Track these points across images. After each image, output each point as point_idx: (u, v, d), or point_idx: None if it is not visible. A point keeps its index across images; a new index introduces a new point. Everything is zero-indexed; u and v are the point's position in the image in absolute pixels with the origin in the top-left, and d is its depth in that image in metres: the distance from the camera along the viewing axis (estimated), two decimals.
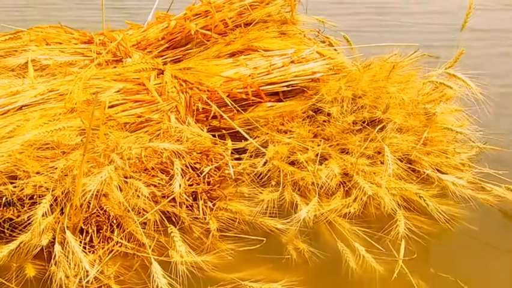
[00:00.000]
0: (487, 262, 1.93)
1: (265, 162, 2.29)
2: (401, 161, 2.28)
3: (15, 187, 1.85)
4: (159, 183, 2.01)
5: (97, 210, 1.86)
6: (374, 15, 4.82)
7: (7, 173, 1.91)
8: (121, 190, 1.90)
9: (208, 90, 2.52)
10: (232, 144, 2.43)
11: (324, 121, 2.49)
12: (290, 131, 2.45)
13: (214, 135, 2.41)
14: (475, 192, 2.20)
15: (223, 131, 2.51)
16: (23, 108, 2.20)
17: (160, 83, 2.51)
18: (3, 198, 1.88)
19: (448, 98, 2.56)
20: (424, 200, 2.12)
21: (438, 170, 2.32)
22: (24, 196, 1.85)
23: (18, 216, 1.84)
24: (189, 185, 2.05)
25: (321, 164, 2.29)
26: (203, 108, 2.49)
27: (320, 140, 2.39)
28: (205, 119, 2.51)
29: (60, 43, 2.72)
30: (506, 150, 2.50)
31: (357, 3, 5.14)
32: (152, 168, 2.05)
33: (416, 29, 4.43)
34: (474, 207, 2.14)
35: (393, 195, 2.14)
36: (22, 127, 2.07)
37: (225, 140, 2.46)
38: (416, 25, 4.55)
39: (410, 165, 2.30)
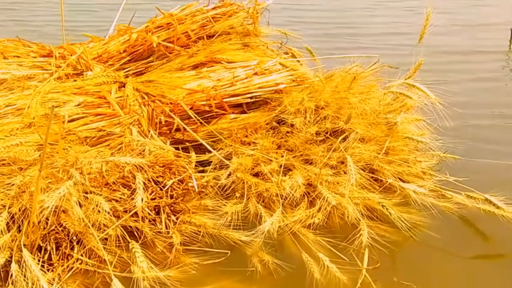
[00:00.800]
0: (449, 269, 1.96)
1: (229, 174, 2.28)
2: (364, 171, 2.30)
3: None
4: (121, 198, 1.98)
5: (56, 227, 1.81)
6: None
7: None
8: (80, 206, 1.86)
9: (170, 103, 2.50)
10: (196, 156, 2.41)
11: (288, 132, 2.49)
12: (254, 142, 2.45)
13: (177, 148, 2.39)
14: (436, 200, 2.24)
15: (187, 144, 2.49)
16: None
17: (121, 96, 2.48)
18: None
19: (408, 107, 2.61)
20: (387, 209, 2.14)
21: (400, 179, 2.35)
22: None
23: None
24: (152, 199, 2.02)
25: (285, 175, 2.29)
26: (166, 121, 2.47)
27: (284, 151, 2.40)
28: (168, 131, 2.48)
29: (19, 57, 2.67)
30: (466, 158, 2.56)
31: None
32: (114, 183, 2.02)
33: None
34: (435, 215, 2.17)
35: (357, 205, 2.15)
36: None
37: (188, 152, 2.44)
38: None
39: (372, 175, 2.33)
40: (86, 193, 1.90)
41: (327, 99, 2.55)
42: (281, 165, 2.31)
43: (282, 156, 2.36)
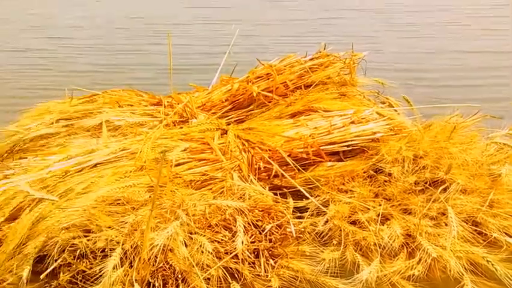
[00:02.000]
0: None
1: (327, 221, 2.30)
2: (466, 223, 2.23)
3: (88, 240, 1.96)
4: (222, 240, 2.06)
5: (164, 264, 1.92)
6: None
7: (81, 226, 2.02)
8: (186, 245, 1.96)
9: (269, 150, 2.59)
10: (294, 202, 2.46)
11: (385, 181, 2.49)
12: (351, 190, 2.47)
13: (275, 194, 2.46)
14: None
15: (285, 190, 2.55)
16: (97, 165, 2.35)
17: (223, 143, 2.61)
18: (77, 251, 1.98)
19: None
20: (492, 265, 2.05)
21: (506, 233, 2.25)
22: (96, 249, 1.95)
23: (91, 268, 1.92)
24: (251, 242, 2.08)
25: (382, 224, 2.28)
26: (265, 167, 2.56)
27: (381, 200, 2.39)
28: (267, 177, 2.56)
29: (132, 105, 2.90)
30: None
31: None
32: (216, 225, 2.11)
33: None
34: None
35: (459, 258, 2.08)
36: (96, 183, 2.20)
37: (286, 198, 2.50)
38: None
39: (475, 228, 2.25)
40: (191, 233, 2.01)
41: (426, 149, 2.52)
42: (379, 214, 2.30)
43: (380, 205, 2.35)
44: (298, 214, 2.40)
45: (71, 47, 6.19)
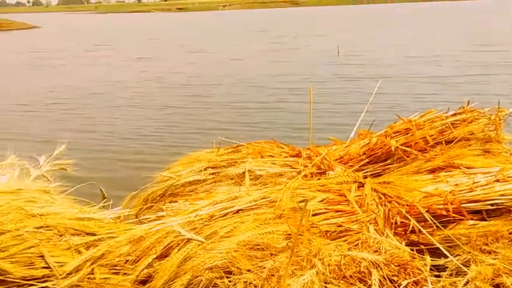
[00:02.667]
0: None
1: (467, 282, 2.20)
2: None
3: (230, 281, 2.09)
4: None
5: None
6: None
7: (223, 268, 2.17)
8: None
9: (407, 205, 2.56)
10: (431, 260, 2.39)
11: None
12: (495, 251, 2.34)
13: (412, 250, 2.41)
14: None
15: (422, 246, 2.49)
16: (239, 211, 2.51)
17: (360, 195, 2.64)
18: None
19: None
20: None
21: None
22: None
23: None
24: None
25: None
26: (401, 222, 2.53)
27: None
28: (403, 232, 2.53)
29: (273, 156, 3.07)
30: None
31: None
32: (351, 276, 2.13)
33: None
34: None
35: None
36: (238, 228, 2.36)
37: (423, 255, 2.44)
38: None
39: None
40: (326, 283, 2.05)
41: None
42: None
43: None
44: (436, 273, 2.33)
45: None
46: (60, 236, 2.48)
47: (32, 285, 2.31)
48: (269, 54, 13.46)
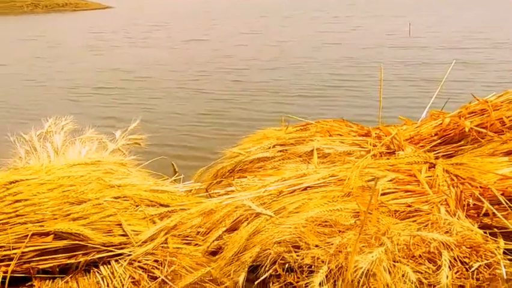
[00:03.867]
0: None
1: None
2: None
3: (297, 256, 2.13)
4: (425, 272, 2.06)
5: (367, 287, 1.99)
6: None
7: (291, 242, 2.21)
8: (389, 273, 2.01)
9: (480, 187, 2.50)
10: (505, 244, 2.33)
11: None
12: None
13: (485, 233, 2.36)
14: None
15: (495, 230, 2.42)
16: (307, 189, 2.53)
17: (431, 176, 2.60)
18: (287, 265, 2.16)
19: None
20: None
21: None
22: (304, 265, 2.11)
23: (298, 282, 2.09)
24: (457, 278, 2.04)
25: None
26: (474, 204, 2.47)
27: None
28: (475, 215, 2.47)
29: (341, 135, 3.07)
30: None
31: None
32: (420, 256, 2.11)
33: None
34: None
35: None
36: (306, 205, 2.39)
37: (496, 238, 2.37)
38: None
39: None
40: (394, 261, 2.05)
41: None
42: None
43: None
44: (510, 257, 2.27)
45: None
46: (136, 206, 2.60)
47: (110, 251, 2.45)
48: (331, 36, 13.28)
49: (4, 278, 2.36)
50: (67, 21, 23.25)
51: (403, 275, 2.00)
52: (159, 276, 2.42)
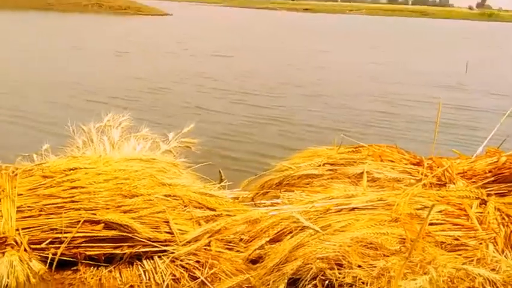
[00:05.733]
0: None
1: None
2: None
3: (339, 274, 2.14)
4: None
5: None
6: None
7: (334, 260, 2.22)
8: None
9: None
10: None
11: None
12: None
13: None
14: None
15: None
16: (354, 209, 2.54)
17: (481, 213, 2.56)
18: (327, 281, 2.17)
19: None
20: None
21: None
22: (344, 283, 2.11)
23: None
24: None
25: None
26: None
27: None
28: None
29: (393, 161, 3.06)
30: None
31: None
32: None
33: None
34: None
35: None
36: (352, 225, 2.40)
37: None
38: None
39: None
40: None
41: None
42: None
43: None
44: None
45: None
46: (185, 206, 2.67)
47: (155, 246, 2.52)
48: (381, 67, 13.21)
49: (52, 260, 2.47)
50: (132, 23, 24.08)
51: None
52: (199, 277, 2.47)
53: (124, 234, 2.50)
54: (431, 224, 2.45)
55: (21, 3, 27.46)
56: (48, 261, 2.47)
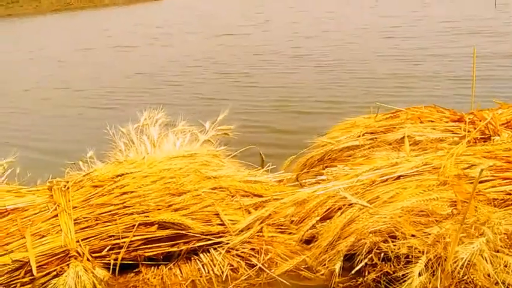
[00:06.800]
0: None
1: None
2: None
3: (394, 245, 2.15)
4: None
5: (467, 278, 1.98)
6: None
7: (387, 232, 2.23)
8: (490, 263, 1.98)
9: None
10: None
11: None
12: None
13: None
14: None
15: None
16: (400, 177, 2.53)
17: None
18: (382, 254, 2.19)
19: None
20: None
21: None
22: (400, 254, 2.12)
23: (394, 272, 2.11)
24: None
25: None
26: None
27: None
28: None
29: (433, 121, 3.01)
30: None
31: None
32: None
33: None
34: None
35: None
36: (400, 194, 2.39)
37: None
38: None
39: None
40: (496, 251, 2.02)
41: None
42: None
43: None
44: None
45: None
46: (232, 196, 2.72)
47: (209, 239, 2.58)
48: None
49: (114, 265, 2.56)
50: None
51: (505, 265, 1.97)
52: (256, 264, 2.52)
53: (178, 231, 2.56)
54: (480, 182, 2.40)
55: (42, 8, 27.88)
56: (111, 267, 2.56)
